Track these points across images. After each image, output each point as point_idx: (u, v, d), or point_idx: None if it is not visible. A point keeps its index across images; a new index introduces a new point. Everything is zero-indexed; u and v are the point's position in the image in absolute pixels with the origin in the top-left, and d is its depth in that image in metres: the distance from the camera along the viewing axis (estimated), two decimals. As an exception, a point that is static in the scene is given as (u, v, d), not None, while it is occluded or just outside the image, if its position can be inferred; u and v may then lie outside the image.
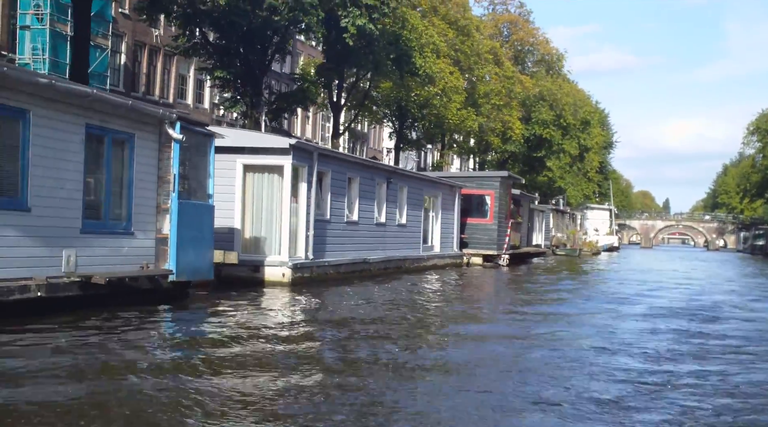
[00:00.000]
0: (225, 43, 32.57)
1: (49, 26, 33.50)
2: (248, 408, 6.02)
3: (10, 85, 9.53)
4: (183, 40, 32.91)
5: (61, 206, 10.49)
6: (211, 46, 32.91)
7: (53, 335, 8.89)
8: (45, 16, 33.50)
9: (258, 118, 32.20)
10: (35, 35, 33.77)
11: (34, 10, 33.58)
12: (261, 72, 32.90)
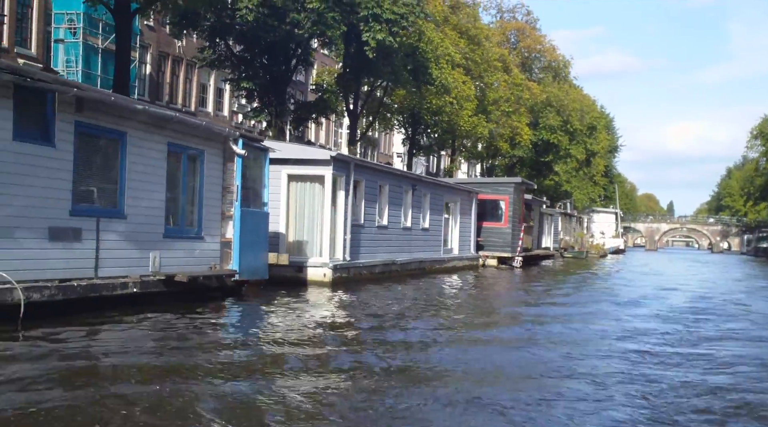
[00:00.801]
0: (249, 55, 34.24)
1: (82, 40, 35.17)
2: (310, 375, 7.59)
3: (113, 111, 11.13)
4: (209, 52, 34.59)
5: (148, 214, 12.09)
6: (236, 58, 34.56)
7: (159, 323, 10.46)
8: (78, 30, 35.18)
9: (283, 127, 33.83)
10: (69, 48, 35.46)
11: (67, 25, 35.26)
12: (284, 82, 34.53)
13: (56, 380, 6.88)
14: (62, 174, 10.27)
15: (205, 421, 5.75)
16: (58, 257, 10.22)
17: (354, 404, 6.49)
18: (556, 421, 6.25)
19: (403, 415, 6.18)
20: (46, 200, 10.04)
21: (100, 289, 10.76)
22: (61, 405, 6.01)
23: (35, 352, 8.08)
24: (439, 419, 6.10)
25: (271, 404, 6.37)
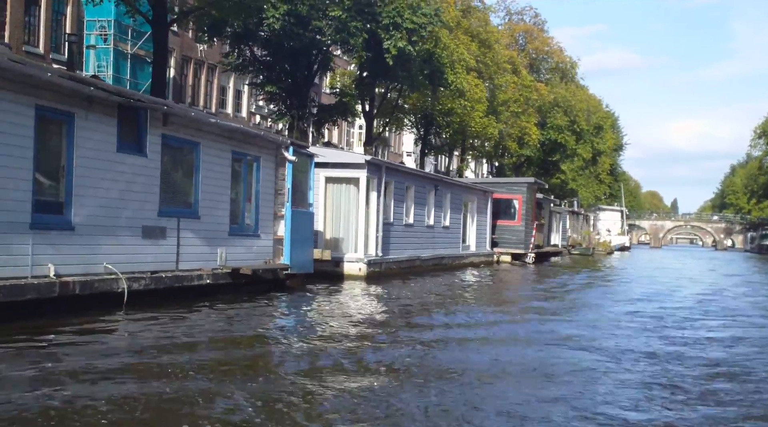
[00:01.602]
0: (273, 60, 35.79)
1: (112, 46, 36.79)
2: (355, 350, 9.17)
3: (191, 124, 12.72)
4: (233, 57, 36.16)
5: (217, 214, 13.68)
6: (259, 62, 36.12)
7: (234, 310, 12.05)
8: (109, 37, 36.80)
9: (305, 130, 35.39)
10: (100, 54, 37.10)
11: (99, 31, 36.88)
12: (306, 86, 36.09)
13: (148, 355, 8.47)
14: (152, 180, 11.87)
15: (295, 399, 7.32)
16: (149, 252, 11.82)
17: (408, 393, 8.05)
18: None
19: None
20: (140, 203, 11.63)
21: (182, 280, 12.36)
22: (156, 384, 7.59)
23: (138, 331, 9.66)
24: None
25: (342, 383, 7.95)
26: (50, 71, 9.83)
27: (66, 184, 10.25)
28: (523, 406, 6.61)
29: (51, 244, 9.91)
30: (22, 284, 9.29)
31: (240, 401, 6.21)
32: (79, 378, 6.71)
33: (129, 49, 37.80)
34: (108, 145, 10.92)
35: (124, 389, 6.45)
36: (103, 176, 10.83)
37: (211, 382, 6.83)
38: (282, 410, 6.05)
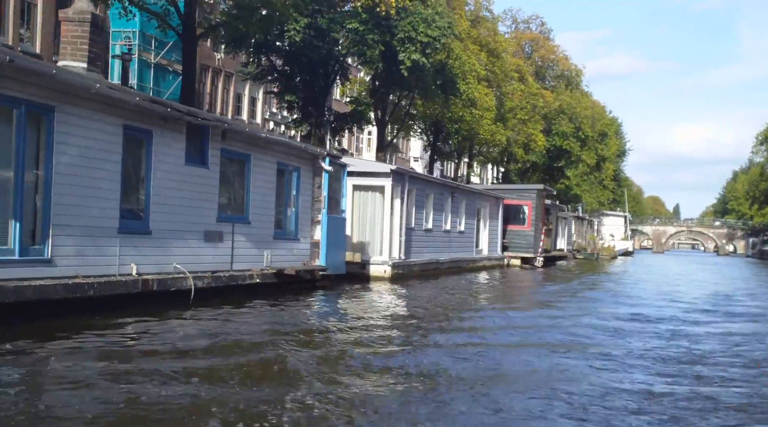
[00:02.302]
0: (290, 70, 37.21)
1: (137, 56, 38.20)
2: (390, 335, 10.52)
3: (243, 138, 14.11)
4: (253, 66, 37.58)
5: (264, 220, 15.06)
6: (278, 72, 37.54)
7: (284, 307, 13.41)
8: (134, 47, 38.21)
9: (323, 137, 36.77)
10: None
11: (124, 42, 38.30)
12: (323, 96, 37.51)
13: (214, 346, 9.83)
14: (212, 189, 13.26)
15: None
16: (209, 254, 13.21)
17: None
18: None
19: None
20: (203, 210, 13.02)
21: (236, 279, 13.74)
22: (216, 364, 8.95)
23: (205, 324, 11.02)
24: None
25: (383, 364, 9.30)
26: (138, 95, 11.20)
27: (145, 194, 11.64)
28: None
29: (133, 246, 11.29)
30: (114, 281, 10.67)
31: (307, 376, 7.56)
32: (170, 359, 8.07)
33: (152, 58, 39.25)
34: (178, 158, 12.31)
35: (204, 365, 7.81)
36: (173, 186, 12.22)
37: (280, 367, 8.19)
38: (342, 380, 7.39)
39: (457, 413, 6.32)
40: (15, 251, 9.29)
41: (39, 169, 9.65)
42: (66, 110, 9.89)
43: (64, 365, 7.21)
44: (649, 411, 6.71)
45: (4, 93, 8.97)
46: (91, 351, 8.16)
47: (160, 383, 6.74)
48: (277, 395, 6.60)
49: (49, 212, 9.73)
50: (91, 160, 10.38)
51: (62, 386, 6.46)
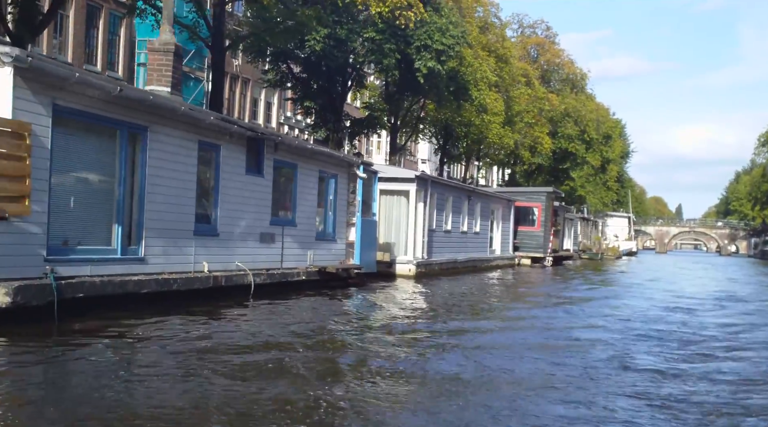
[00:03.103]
0: (309, 77, 38.79)
1: (161, 63, 39.72)
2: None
3: (292, 150, 15.69)
4: (272, 73, 39.18)
5: (308, 223, 16.64)
6: (296, 79, 39.12)
7: (330, 300, 14.98)
8: (158, 55, 39.74)
9: (341, 141, 38.34)
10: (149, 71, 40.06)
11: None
12: (340, 102, 39.10)
13: (272, 334, 11.40)
14: (266, 196, 14.84)
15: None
16: (263, 253, 14.78)
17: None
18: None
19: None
20: (259, 214, 14.60)
21: (286, 276, 15.32)
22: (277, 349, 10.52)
23: (258, 315, 12.59)
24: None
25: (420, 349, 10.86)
26: (211, 115, 12.79)
27: (213, 200, 13.22)
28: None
29: (205, 246, 12.87)
30: (191, 277, 12.25)
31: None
32: (244, 343, 9.63)
33: (176, 66, 40.73)
34: (239, 168, 13.89)
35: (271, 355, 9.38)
36: (236, 193, 13.80)
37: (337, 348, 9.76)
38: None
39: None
40: (117, 251, 10.87)
41: (134, 181, 11.23)
42: (156, 130, 11.47)
43: (159, 347, 8.73)
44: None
45: (112, 116, 10.55)
46: (181, 335, 9.69)
47: (243, 360, 8.32)
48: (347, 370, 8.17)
49: (142, 217, 11.31)
50: (173, 172, 11.96)
51: (157, 366, 7.99)
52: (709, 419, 6.51)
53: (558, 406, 6.72)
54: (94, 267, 10.31)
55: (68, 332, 9.08)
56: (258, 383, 6.96)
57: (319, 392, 6.63)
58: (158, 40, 13.05)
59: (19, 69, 8.92)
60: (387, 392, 6.96)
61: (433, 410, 6.33)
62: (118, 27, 38.64)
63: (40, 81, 9.27)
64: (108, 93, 10.15)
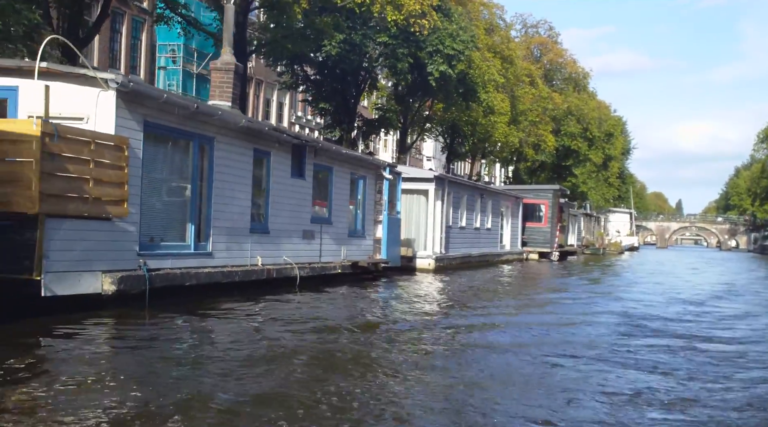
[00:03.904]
0: (323, 79, 40.33)
1: (181, 67, 41.37)
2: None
3: (330, 154, 17.27)
4: (288, 76, 40.75)
5: (341, 221, 18.21)
6: (311, 82, 40.67)
7: (363, 291, 16.53)
8: (178, 59, 41.39)
9: (355, 141, 39.91)
10: (169, 74, 41.71)
11: (169, 54, 41.47)
12: (354, 103, 40.65)
13: (317, 318, 12.97)
14: (308, 197, 16.41)
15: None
16: (305, 249, 16.35)
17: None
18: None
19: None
20: (301, 214, 16.17)
21: (324, 269, 16.89)
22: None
23: (310, 303, 14.15)
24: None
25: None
26: (266, 126, 14.35)
27: (265, 202, 14.79)
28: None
29: (258, 243, 14.44)
30: (249, 269, 13.83)
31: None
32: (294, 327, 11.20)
33: (194, 69, 42.34)
34: (286, 173, 15.46)
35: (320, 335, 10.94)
36: (283, 195, 15.36)
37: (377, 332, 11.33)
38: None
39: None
40: (191, 247, 12.44)
41: (203, 185, 12.79)
42: (221, 140, 13.04)
43: (234, 326, 10.30)
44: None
45: (187, 129, 12.12)
46: (246, 317, 11.25)
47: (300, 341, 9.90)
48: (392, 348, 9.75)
49: (210, 217, 12.88)
50: (234, 176, 13.53)
51: (231, 342, 9.55)
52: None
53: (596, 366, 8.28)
54: (173, 261, 11.89)
55: (158, 314, 10.64)
56: (312, 354, 8.54)
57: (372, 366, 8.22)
58: (220, 60, 14.59)
59: (121, 92, 10.49)
60: (426, 368, 8.53)
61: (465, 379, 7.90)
62: (139, 32, 40.17)
63: (135, 101, 10.84)
64: (187, 109, 11.71)
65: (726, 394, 7.18)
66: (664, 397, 6.88)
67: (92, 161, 9.94)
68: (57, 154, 9.40)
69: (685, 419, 6.15)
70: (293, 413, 5.68)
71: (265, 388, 6.61)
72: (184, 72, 41.53)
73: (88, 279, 10.06)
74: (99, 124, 10.45)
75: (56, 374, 6.79)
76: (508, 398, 6.67)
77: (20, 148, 9.19)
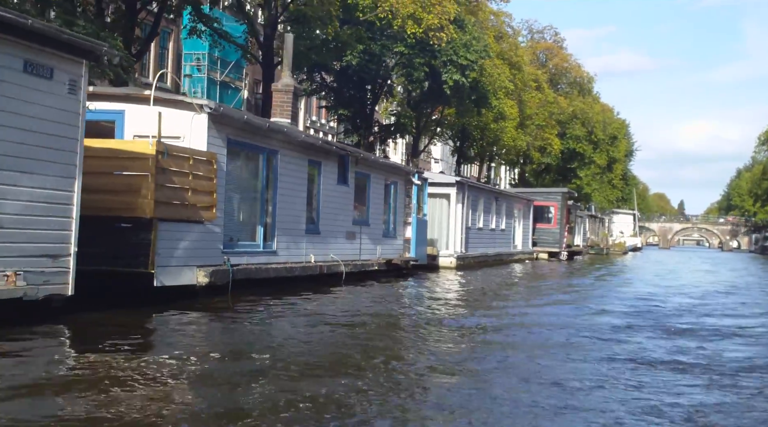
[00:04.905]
0: (340, 86, 42.27)
1: (206, 75, 43.30)
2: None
3: (368, 163, 19.18)
4: (307, 84, 42.67)
5: (377, 223, 20.12)
6: (329, 89, 42.63)
7: (396, 285, 18.44)
8: (203, 67, 43.32)
9: (372, 146, 41.85)
10: (195, 82, 43.62)
11: (195, 62, 43.40)
12: (371, 110, 42.61)
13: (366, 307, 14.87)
14: (350, 201, 18.33)
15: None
16: (348, 248, 18.27)
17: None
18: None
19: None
20: (345, 216, 18.09)
21: (364, 266, 18.81)
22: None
23: (345, 299, 16.04)
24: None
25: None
26: (320, 139, 16.26)
27: (316, 206, 16.71)
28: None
29: (311, 242, 16.36)
30: (305, 266, 15.75)
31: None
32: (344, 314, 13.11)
33: (218, 76, 44.29)
34: (333, 180, 17.39)
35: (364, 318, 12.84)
36: (331, 200, 17.29)
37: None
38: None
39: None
40: (260, 246, 14.37)
41: (269, 192, 14.71)
42: (284, 152, 14.96)
43: (304, 310, 12.22)
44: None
45: (257, 144, 14.05)
46: (311, 305, 13.17)
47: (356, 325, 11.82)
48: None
49: (275, 220, 14.80)
50: (293, 184, 15.45)
51: (303, 321, 11.46)
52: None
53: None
54: (247, 258, 13.81)
55: (240, 302, 12.53)
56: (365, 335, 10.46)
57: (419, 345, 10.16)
58: (281, 82, 16.53)
59: (211, 115, 12.40)
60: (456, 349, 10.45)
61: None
62: (167, 41, 42.12)
63: (221, 122, 12.76)
64: (260, 128, 13.64)
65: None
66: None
67: (191, 174, 11.86)
68: (166, 169, 11.31)
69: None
70: (347, 370, 7.55)
71: (329, 350, 8.60)
72: (208, 79, 43.42)
73: (186, 273, 11.98)
74: (192, 142, 12.37)
75: (170, 345, 8.68)
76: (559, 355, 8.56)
77: (139, 164, 11.11)
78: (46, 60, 8.77)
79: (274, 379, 6.77)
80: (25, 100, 8.57)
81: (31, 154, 8.71)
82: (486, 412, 5.86)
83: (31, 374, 6.60)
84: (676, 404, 6.38)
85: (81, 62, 9.29)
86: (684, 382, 7.45)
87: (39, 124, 8.79)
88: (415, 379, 7.16)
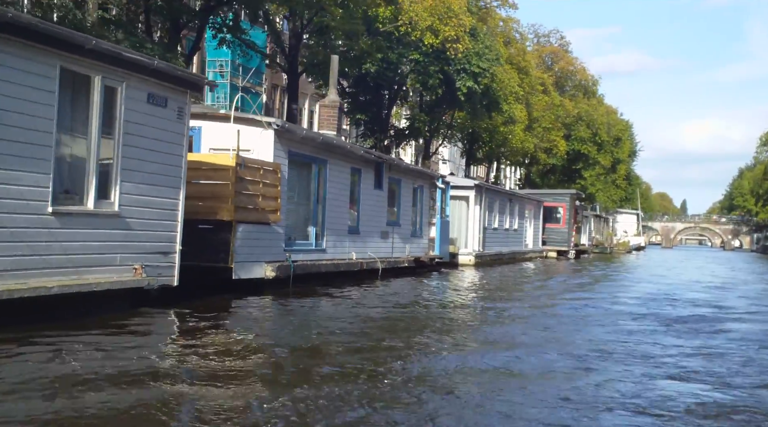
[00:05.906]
0: (357, 92, 44.14)
1: (228, 81, 45.20)
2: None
3: (399, 169, 21.04)
4: (325, 88, 44.54)
5: (406, 223, 22.00)
6: (347, 94, 44.49)
7: (422, 280, 20.31)
8: (226, 74, 45.22)
9: (388, 149, 43.72)
10: (218, 88, 45.51)
11: (218, 69, 45.31)
12: (387, 114, 44.49)
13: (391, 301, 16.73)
14: (384, 204, 20.21)
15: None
16: (383, 247, 20.15)
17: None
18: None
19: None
20: (380, 218, 19.97)
21: (396, 263, 20.69)
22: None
23: (386, 291, 17.90)
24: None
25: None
26: (361, 149, 18.14)
27: (357, 210, 18.60)
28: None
29: (353, 241, 18.24)
30: (348, 262, 17.64)
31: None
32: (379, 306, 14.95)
33: (240, 83, 46.19)
34: (370, 185, 19.27)
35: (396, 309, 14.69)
36: (368, 203, 19.17)
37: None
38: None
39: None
40: (312, 244, 16.26)
41: (320, 197, 16.59)
42: (331, 162, 16.85)
43: (333, 308, 14.09)
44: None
45: (311, 154, 15.93)
46: (357, 295, 15.03)
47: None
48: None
49: (324, 221, 16.69)
50: (338, 189, 17.34)
51: (329, 319, 13.33)
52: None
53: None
54: (303, 255, 15.70)
55: (300, 294, 14.41)
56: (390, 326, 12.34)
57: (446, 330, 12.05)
58: (327, 99, 18.44)
59: (277, 131, 14.29)
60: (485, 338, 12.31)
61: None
62: (191, 49, 43.96)
63: (285, 136, 14.65)
64: (315, 141, 15.53)
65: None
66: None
67: (261, 182, 13.74)
68: (243, 178, 13.19)
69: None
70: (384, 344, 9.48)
71: (373, 335, 10.48)
72: (231, 85, 45.31)
73: (257, 268, 13.87)
74: (260, 154, 14.25)
75: (246, 327, 10.57)
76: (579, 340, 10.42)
77: (221, 174, 13.00)
78: (162, 92, 10.66)
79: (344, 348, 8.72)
80: (148, 125, 10.46)
81: (153, 169, 10.60)
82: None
83: (181, 342, 8.53)
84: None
85: (186, 92, 11.17)
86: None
87: (157, 144, 10.67)
88: (484, 343, 9.07)
